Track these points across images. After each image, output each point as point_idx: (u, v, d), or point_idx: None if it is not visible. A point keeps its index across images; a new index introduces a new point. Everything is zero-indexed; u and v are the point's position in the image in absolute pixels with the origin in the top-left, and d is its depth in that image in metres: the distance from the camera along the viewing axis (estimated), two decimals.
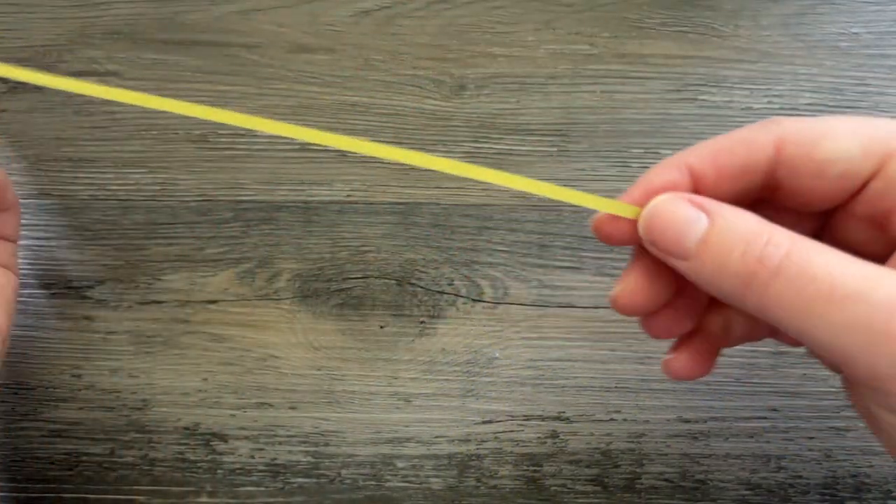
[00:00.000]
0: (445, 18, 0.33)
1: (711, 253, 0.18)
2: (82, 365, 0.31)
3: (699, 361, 0.22)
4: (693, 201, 0.19)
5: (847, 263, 0.17)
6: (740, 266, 0.17)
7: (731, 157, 0.19)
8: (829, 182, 0.19)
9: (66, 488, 0.31)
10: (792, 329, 0.17)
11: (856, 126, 0.18)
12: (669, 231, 0.19)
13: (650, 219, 0.19)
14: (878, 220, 0.19)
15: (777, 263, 0.17)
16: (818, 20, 0.32)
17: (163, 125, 0.33)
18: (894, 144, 0.18)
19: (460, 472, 0.30)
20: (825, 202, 0.20)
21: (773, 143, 0.19)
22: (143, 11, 0.33)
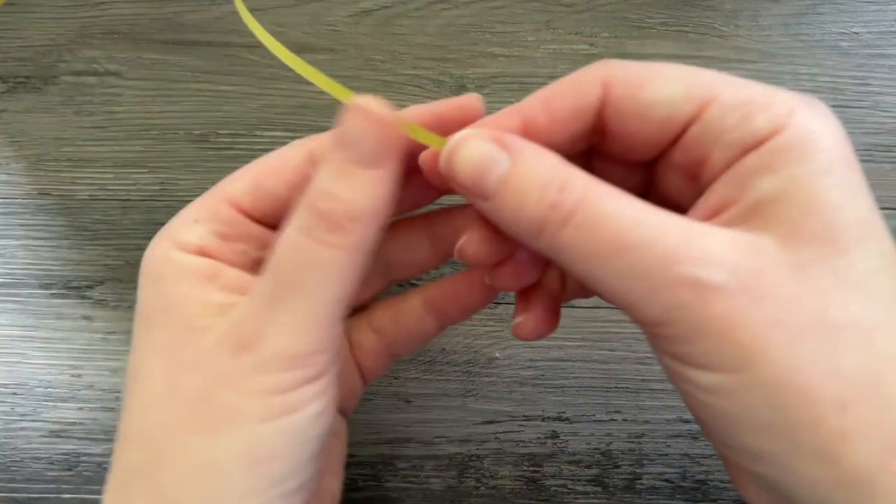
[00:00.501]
0: (445, 18, 0.33)
1: (509, 195, 0.17)
2: (82, 365, 0.31)
3: (544, 319, 0.22)
4: (497, 139, 0.18)
5: (639, 212, 0.17)
6: (534, 210, 0.17)
7: (562, 101, 0.19)
8: (652, 126, 0.18)
9: (66, 488, 0.31)
10: (580, 275, 0.17)
11: (682, 73, 0.18)
12: (470, 168, 0.18)
13: (451, 154, 0.18)
14: (692, 170, 0.19)
15: (568, 209, 0.17)
16: (818, 20, 0.32)
17: (163, 125, 0.33)
18: (715, 91, 0.18)
19: (460, 473, 0.30)
20: (648, 148, 0.19)
21: (601, 84, 0.19)
22: (143, 11, 0.33)
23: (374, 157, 0.18)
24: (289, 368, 0.18)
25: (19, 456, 0.31)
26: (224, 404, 0.17)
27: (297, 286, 0.17)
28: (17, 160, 0.33)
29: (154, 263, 0.20)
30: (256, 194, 0.20)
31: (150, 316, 0.19)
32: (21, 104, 0.33)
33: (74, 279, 0.32)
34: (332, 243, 0.18)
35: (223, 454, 0.17)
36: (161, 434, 0.18)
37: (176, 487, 0.17)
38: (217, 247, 0.20)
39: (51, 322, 0.32)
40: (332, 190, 0.18)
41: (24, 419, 0.31)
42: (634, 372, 0.31)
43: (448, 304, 0.24)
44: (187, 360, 0.18)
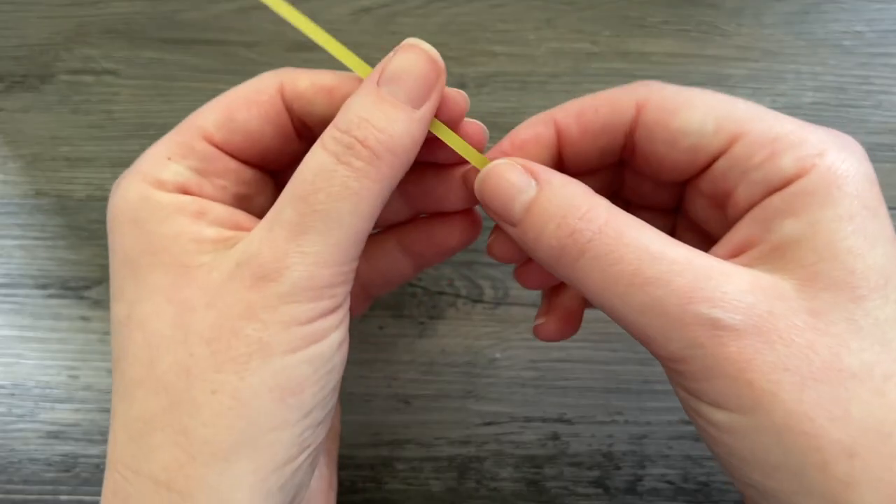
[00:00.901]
0: (446, 16, 0.32)
1: (533, 222, 0.18)
2: (79, 366, 0.31)
3: (566, 322, 0.23)
4: (526, 167, 0.19)
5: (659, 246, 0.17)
6: (554, 238, 0.18)
7: (594, 115, 0.19)
8: (679, 153, 0.19)
9: (63, 490, 0.30)
10: (598, 304, 0.18)
11: (716, 103, 0.18)
12: (499, 196, 0.19)
13: (483, 182, 0.19)
14: (719, 200, 0.19)
15: (587, 239, 0.17)
16: (821, 18, 0.32)
17: (161, 124, 0.32)
18: (746, 126, 0.18)
19: (460, 475, 0.30)
20: (674, 173, 0.20)
21: (636, 105, 0.19)
22: (140, 10, 0.33)
23: (419, 97, 0.18)
24: (313, 299, 0.17)
25: (17, 457, 0.31)
26: (248, 337, 0.17)
27: (328, 215, 0.17)
28: (14, 160, 0.32)
29: (130, 207, 0.19)
30: (229, 127, 0.20)
31: (135, 261, 0.18)
32: (18, 103, 0.33)
33: (71, 279, 0.32)
34: (366, 172, 0.17)
35: (252, 388, 0.17)
36: (178, 376, 0.17)
37: (205, 428, 0.17)
38: (197, 183, 0.19)
39: (48, 322, 0.31)
40: (372, 119, 0.17)
41: (22, 420, 0.31)
42: (636, 373, 0.30)
43: (424, 247, 0.23)
44: (193, 297, 0.17)
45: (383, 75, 0.18)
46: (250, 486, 0.17)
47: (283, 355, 0.17)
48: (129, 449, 0.18)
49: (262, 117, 0.20)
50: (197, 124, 0.20)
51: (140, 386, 0.18)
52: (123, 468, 0.18)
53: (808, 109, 0.32)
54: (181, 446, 0.17)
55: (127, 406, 0.18)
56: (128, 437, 0.18)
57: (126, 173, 0.20)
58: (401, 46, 0.19)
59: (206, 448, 0.17)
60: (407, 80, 0.18)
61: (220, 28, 0.33)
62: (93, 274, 0.32)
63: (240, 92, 0.20)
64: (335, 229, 0.17)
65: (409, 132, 0.18)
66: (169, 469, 0.17)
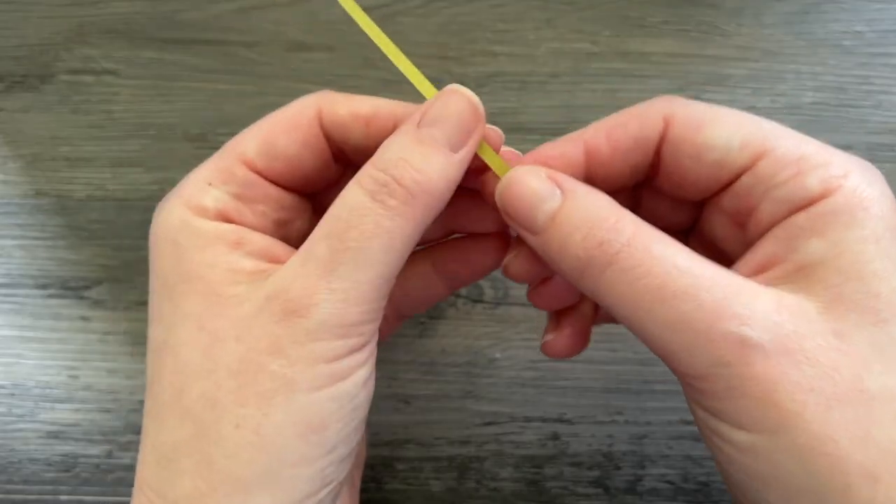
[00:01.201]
0: (446, 16, 0.32)
1: (557, 231, 0.18)
2: (79, 366, 0.31)
3: (575, 339, 0.22)
4: (550, 176, 0.18)
5: (687, 261, 0.17)
6: (580, 249, 0.17)
7: (624, 132, 0.19)
8: (704, 168, 0.19)
9: (63, 490, 0.30)
10: (621, 318, 0.18)
11: (742, 120, 0.18)
12: (521, 203, 0.18)
13: (506, 188, 0.19)
14: (740, 218, 0.19)
15: (615, 251, 0.17)
16: (821, 18, 0.32)
17: (161, 124, 0.32)
18: (772, 144, 0.18)
19: (460, 475, 0.30)
20: (698, 189, 0.20)
21: (664, 118, 0.19)
22: (140, 9, 0.33)
23: (458, 141, 0.18)
24: (341, 336, 0.17)
25: (17, 457, 0.31)
26: (273, 373, 0.17)
27: (359, 253, 0.17)
28: (14, 160, 0.32)
29: (170, 231, 0.19)
30: (269, 154, 0.20)
31: (173, 286, 0.19)
32: (18, 103, 0.33)
33: (71, 279, 0.32)
34: (400, 211, 0.17)
35: (275, 425, 0.17)
36: (205, 406, 0.17)
37: (227, 460, 0.17)
38: (236, 210, 0.20)
39: (48, 323, 0.31)
40: (410, 159, 0.18)
41: (22, 420, 0.31)
42: (636, 373, 0.30)
43: (459, 268, 0.23)
44: (224, 328, 0.17)
45: (424, 118, 0.18)
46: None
47: (307, 392, 0.17)
48: (156, 473, 0.18)
49: (302, 143, 0.20)
50: (238, 150, 0.20)
51: (170, 412, 0.18)
52: (149, 491, 0.18)
53: (808, 109, 0.32)
54: (203, 476, 0.17)
55: (157, 430, 0.18)
56: (155, 460, 0.18)
57: (169, 196, 0.20)
58: (443, 91, 0.19)
59: (228, 480, 0.17)
60: (446, 125, 0.18)
61: (220, 28, 0.33)
62: (93, 274, 0.32)
63: (279, 117, 0.20)
64: (366, 268, 0.17)
65: (446, 175, 0.18)
66: (191, 497, 0.17)
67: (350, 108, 0.20)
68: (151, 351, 0.19)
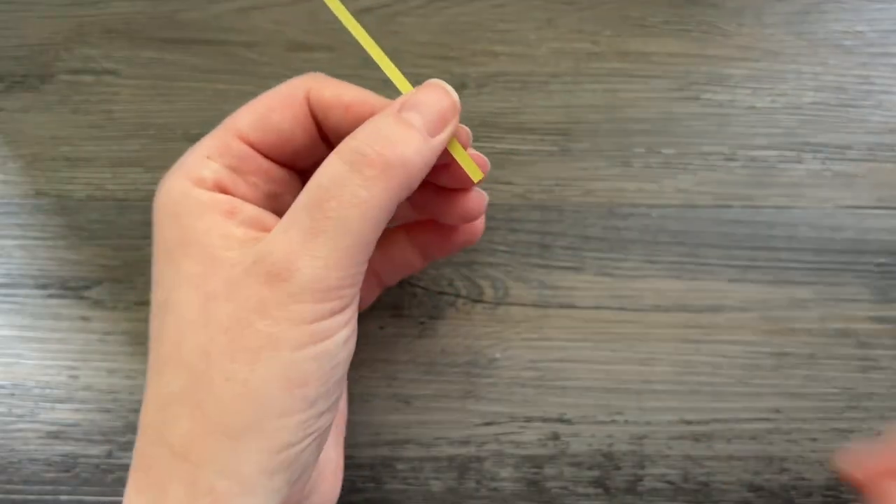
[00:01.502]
0: (446, 16, 0.32)
1: None
2: (79, 366, 0.31)
3: None
4: None
5: None
6: None
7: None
8: None
9: (63, 490, 0.30)
10: None
11: None
12: None
13: None
14: None
15: None
16: (822, 18, 0.32)
17: (161, 124, 0.32)
18: None
19: (460, 475, 0.30)
20: None
21: None
22: (140, 9, 0.33)
23: (435, 127, 0.20)
24: (321, 300, 0.19)
25: (16, 457, 0.31)
26: (259, 332, 0.18)
27: (338, 221, 0.18)
28: (14, 159, 0.32)
29: (172, 200, 0.21)
30: (263, 129, 0.22)
31: (172, 250, 0.20)
32: (18, 103, 0.33)
33: (71, 279, 0.32)
34: (376, 181, 0.19)
35: (262, 379, 0.18)
36: (199, 359, 0.19)
37: (218, 409, 0.19)
38: (231, 181, 0.21)
39: (48, 323, 0.31)
40: (389, 135, 0.19)
41: (22, 420, 0.31)
42: (636, 373, 0.30)
43: (431, 243, 0.26)
44: (217, 288, 0.19)
45: (405, 104, 0.20)
46: (257, 462, 0.19)
47: (290, 351, 0.19)
48: (156, 417, 0.20)
49: (293, 120, 0.22)
50: (234, 125, 0.22)
51: (168, 363, 0.20)
52: (151, 434, 0.20)
53: (809, 109, 0.32)
54: (197, 421, 0.19)
55: (157, 379, 0.20)
56: (155, 406, 0.20)
57: (172, 170, 0.22)
58: (424, 84, 0.21)
59: (219, 426, 0.19)
60: (425, 111, 0.20)
61: (220, 28, 0.33)
62: (93, 274, 0.32)
63: (273, 95, 0.22)
64: (344, 235, 0.19)
65: (421, 153, 0.20)
66: (185, 441, 0.19)
67: (335, 92, 0.22)
68: (154, 311, 0.21)
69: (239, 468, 0.19)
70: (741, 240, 0.31)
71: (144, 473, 0.20)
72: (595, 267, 0.31)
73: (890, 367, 0.30)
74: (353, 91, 0.22)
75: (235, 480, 0.19)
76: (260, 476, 0.19)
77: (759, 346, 0.30)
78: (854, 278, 0.31)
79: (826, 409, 0.30)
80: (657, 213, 0.31)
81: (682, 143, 0.32)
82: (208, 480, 0.19)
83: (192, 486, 0.19)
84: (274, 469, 0.19)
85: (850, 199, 0.31)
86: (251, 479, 0.19)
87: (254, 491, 0.19)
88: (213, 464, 0.19)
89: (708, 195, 0.31)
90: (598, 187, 0.32)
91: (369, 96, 0.22)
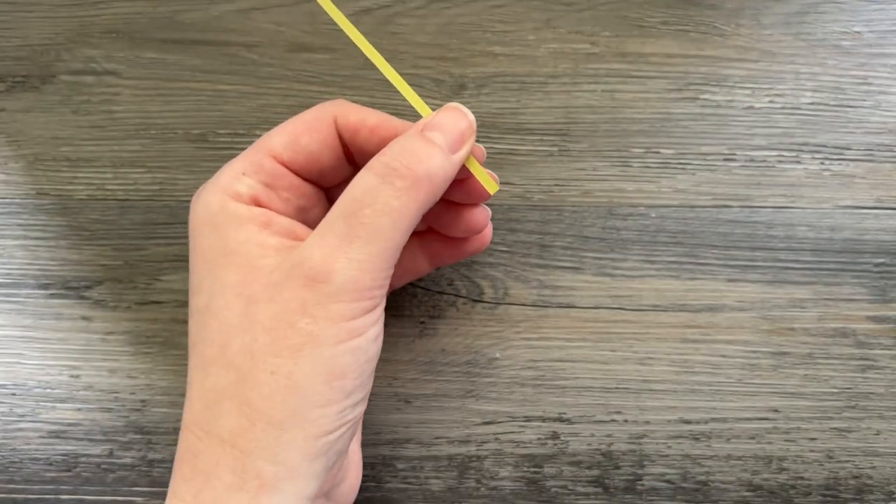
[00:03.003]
0: (446, 17, 0.33)
1: None
2: (81, 365, 0.31)
3: None
4: None
5: None
6: None
7: None
8: None
9: (64, 489, 0.30)
10: None
11: None
12: None
13: None
14: None
15: None
16: (820, 19, 0.32)
17: (161, 125, 0.32)
18: None
19: (460, 474, 0.30)
20: None
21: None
22: (141, 10, 0.33)
23: (455, 145, 0.22)
24: (356, 300, 0.21)
25: (18, 457, 0.31)
26: (301, 329, 0.20)
27: (372, 228, 0.21)
28: (16, 160, 0.32)
29: (211, 213, 0.22)
30: (294, 150, 0.24)
31: (212, 259, 0.22)
32: (19, 103, 0.33)
33: (73, 279, 0.32)
34: (406, 192, 0.21)
35: (304, 372, 0.20)
36: (245, 357, 0.21)
37: (264, 401, 0.20)
38: (266, 196, 0.23)
39: (49, 322, 0.31)
40: (416, 151, 0.21)
41: (23, 420, 0.31)
42: (635, 372, 0.30)
43: (441, 250, 0.27)
44: (258, 292, 0.21)
45: (427, 125, 0.22)
46: (300, 449, 0.21)
47: (330, 346, 0.21)
48: (203, 413, 0.21)
49: (322, 142, 0.24)
50: (267, 146, 0.24)
51: (214, 363, 0.21)
52: (197, 429, 0.21)
53: (807, 110, 0.32)
54: (245, 414, 0.21)
55: (203, 379, 0.22)
56: (202, 404, 0.21)
57: (208, 184, 0.23)
58: (445, 106, 0.23)
59: (265, 417, 0.20)
60: (446, 131, 0.22)
61: (220, 29, 0.33)
62: (94, 274, 0.32)
63: (303, 118, 0.24)
64: (377, 240, 0.21)
65: (444, 168, 0.22)
66: (234, 431, 0.21)
67: (360, 116, 0.24)
68: (195, 316, 0.22)
69: (285, 454, 0.20)
70: (740, 240, 0.31)
71: (191, 463, 0.21)
72: (594, 267, 0.31)
73: (888, 367, 0.30)
74: (377, 115, 0.24)
75: (282, 465, 0.20)
76: (302, 461, 0.21)
77: (758, 345, 0.30)
78: (852, 278, 0.31)
79: (824, 409, 0.30)
80: (656, 214, 0.31)
81: (681, 143, 0.32)
82: (256, 466, 0.20)
83: (240, 472, 0.20)
84: (315, 455, 0.21)
85: (849, 200, 0.31)
86: (295, 464, 0.21)
87: (297, 475, 0.21)
88: (261, 451, 0.20)
89: (706, 195, 0.31)
90: (596, 188, 0.32)
91: (392, 119, 0.24)
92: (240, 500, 0.20)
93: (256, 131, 0.32)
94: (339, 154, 0.24)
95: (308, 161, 0.24)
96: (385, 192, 0.21)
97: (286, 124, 0.24)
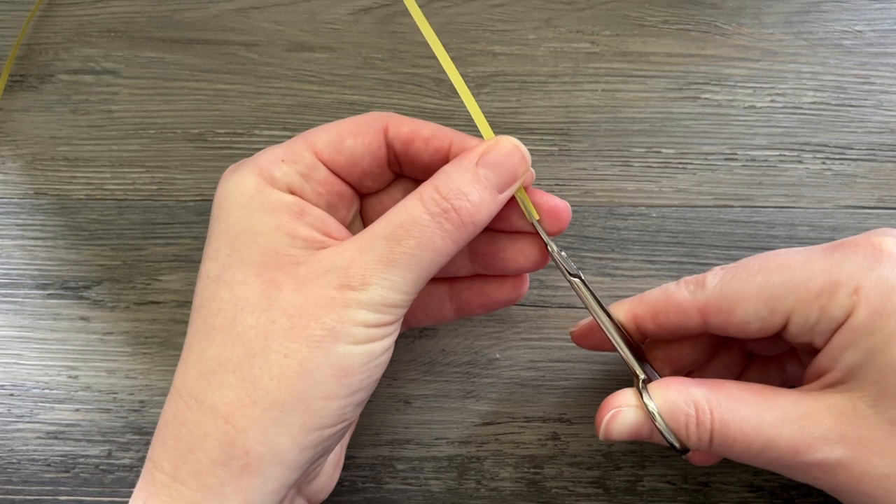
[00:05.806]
0: (446, 16, 0.32)
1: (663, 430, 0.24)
2: (79, 366, 0.31)
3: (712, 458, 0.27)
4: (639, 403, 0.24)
5: (756, 416, 0.22)
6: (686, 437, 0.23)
7: (666, 319, 0.24)
8: (751, 333, 0.23)
9: (63, 490, 0.30)
10: None
11: (759, 288, 0.23)
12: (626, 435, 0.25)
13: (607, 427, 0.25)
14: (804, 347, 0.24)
15: (708, 431, 0.22)
16: (821, 18, 0.32)
17: (160, 124, 0.32)
18: (791, 301, 0.22)
19: (460, 475, 0.30)
20: (756, 341, 0.26)
21: (698, 311, 0.24)
22: (140, 9, 0.33)
23: (505, 185, 0.23)
24: (381, 312, 0.22)
25: (16, 458, 0.31)
26: (325, 324, 0.21)
27: (412, 258, 0.22)
28: (14, 159, 0.32)
29: (245, 192, 0.23)
30: (336, 148, 0.24)
31: (236, 235, 0.22)
32: (17, 103, 0.33)
33: (71, 279, 0.32)
34: (451, 235, 0.22)
35: (317, 362, 0.21)
36: (257, 335, 0.21)
37: (271, 381, 0.21)
38: (300, 186, 0.24)
39: (47, 323, 0.31)
40: (468, 194, 0.22)
41: (21, 420, 0.31)
42: None
43: (472, 297, 0.27)
44: (281, 279, 0.22)
45: (482, 159, 0.23)
46: (294, 436, 0.21)
47: (346, 344, 0.21)
48: (198, 382, 0.22)
49: (364, 147, 0.24)
50: (310, 140, 0.24)
51: (220, 332, 0.22)
52: (188, 396, 0.22)
53: (809, 109, 0.32)
54: (246, 390, 0.21)
55: (205, 346, 0.22)
56: (198, 372, 0.22)
57: (244, 163, 0.24)
58: (501, 139, 0.23)
59: (267, 397, 0.21)
60: (500, 171, 0.23)
61: (219, 28, 0.33)
62: (92, 274, 0.32)
63: (351, 121, 0.24)
64: (414, 269, 0.22)
65: (489, 211, 0.23)
66: (231, 405, 0.21)
67: (412, 127, 0.24)
68: (204, 282, 0.23)
69: (278, 438, 0.21)
70: (741, 240, 0.31)
71: (176, 431, 0.21)
72: (595, 267, 0.31)
73: None
74: (429, 126, 0.24)
75: (271, 449, 0.21)
76: (292, 448, 0.21)
77: None
78: None
79: None
80: (657, 214, 0.31)
81: (682, 143, 0.32)
82: (246, 444, 0.21)
83: (227, 447, 0.21)
84: (305, 445, 0.21)
85: (851, 200, 0.31)
86: (284, 450, 0.21)
87: (283, 461, 0.21)
88: (254, 430, 0.21)
89: (707, 195, 0.31)
90: (597, 187, 0.32)
91: (444, 130, 0.24)
92: (222, 476, 0.21)
93: (255, 131, 0.32)
94: (381, 162, 0.25)
95: (348, 163, 0.24)
96: (431, 230, 0.22)
97: (334, 124, 0.24)
